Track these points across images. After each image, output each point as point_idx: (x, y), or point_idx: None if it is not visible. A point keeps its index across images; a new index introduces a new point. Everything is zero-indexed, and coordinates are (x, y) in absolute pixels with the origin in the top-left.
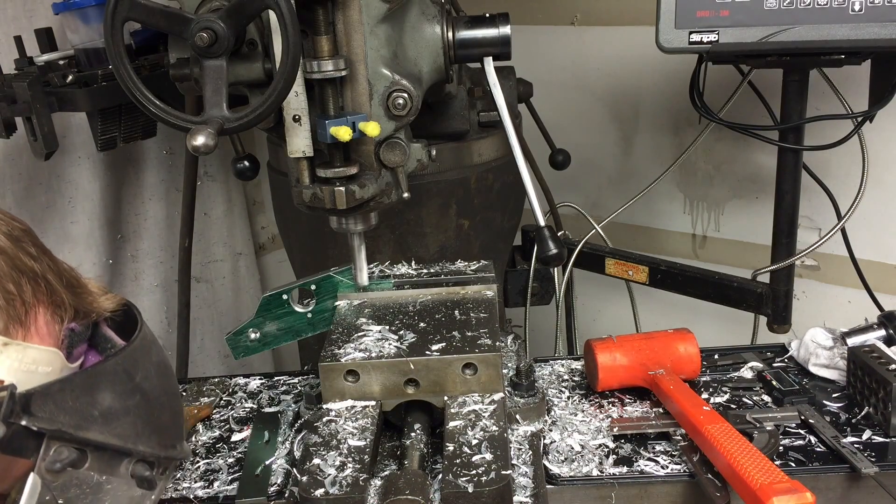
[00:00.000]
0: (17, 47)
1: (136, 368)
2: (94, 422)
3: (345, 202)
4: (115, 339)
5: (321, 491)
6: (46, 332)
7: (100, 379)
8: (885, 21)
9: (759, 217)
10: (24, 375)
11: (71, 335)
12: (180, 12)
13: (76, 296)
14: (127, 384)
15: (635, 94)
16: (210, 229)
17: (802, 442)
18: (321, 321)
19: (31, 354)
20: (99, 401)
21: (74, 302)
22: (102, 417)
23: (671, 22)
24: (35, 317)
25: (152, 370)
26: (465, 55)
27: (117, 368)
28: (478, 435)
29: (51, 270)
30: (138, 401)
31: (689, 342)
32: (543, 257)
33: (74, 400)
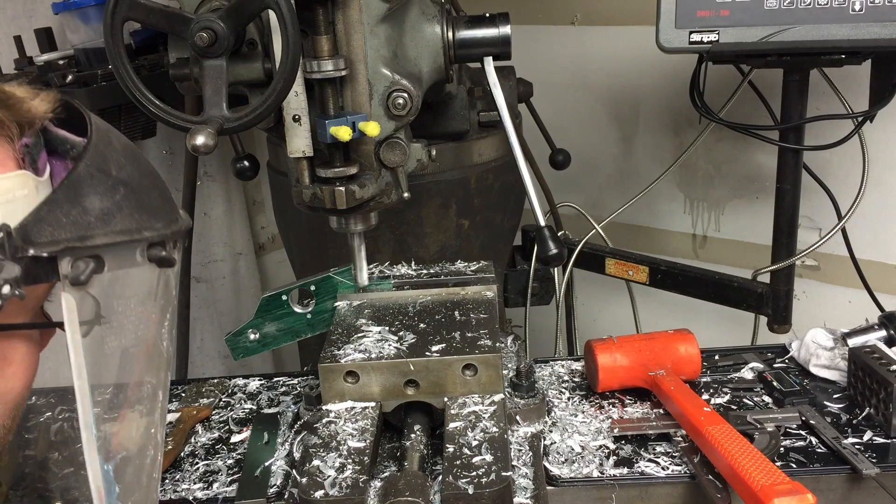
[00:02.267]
0: (17, 47)
1: (107, 162)
2: (94, 227)
3: (345, 202)
4: (69, 136)
5: (321, 492)
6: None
7: (80, 186)
8: (886, 21)
9: (759, 217)
10: (5, 207)
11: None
12: (180, 12)
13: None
14: (107, 181)
15: (635, 94)
16: (210, 229)
17: (803, 443)
18: (321, 322)
19: (2, 185)
20: (88, 207)
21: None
22: (99, 220)
23: (671, 22)
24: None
25: (122, 158)
26: (465, 55)
27: (90, 170)
28: (478, 436)
29: None
30: (123, 192)
31: (690, 343)
32: (543, 257)
33: (66, 215)
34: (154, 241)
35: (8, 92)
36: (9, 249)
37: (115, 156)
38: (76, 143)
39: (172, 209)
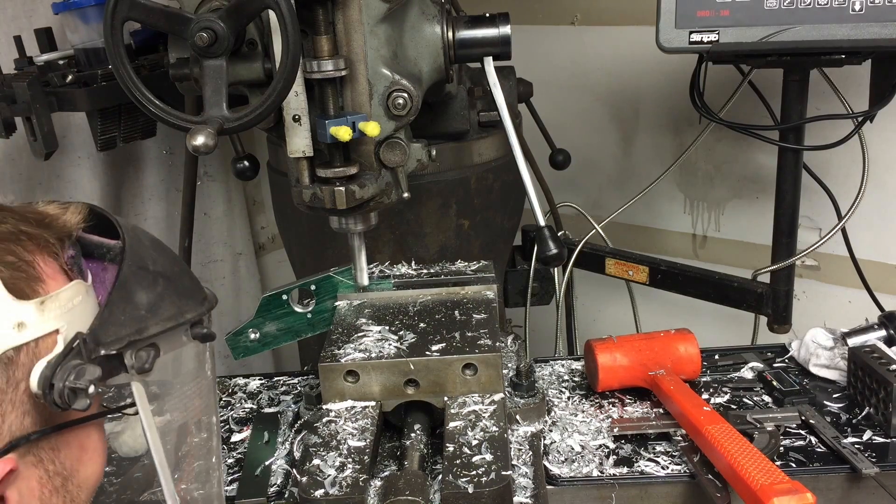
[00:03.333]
0: (17, 47)
1: (144, 259)
2: (146, 319)
3: (345, 202)
4: (102, 241)
5: (321, 491)
6: (55, 272)
7: (128, 287)
8: (886, 21)
9: (759, 217)
10: (69, 316)
11: (73, 262)
12: (180, 12)
13: (49, 228)
14: (148, 277)
15: (635, 94)
16: (210, 229)
17: (803, 442)
18: (321, 321)
19: (63, 297)
20: (138, 303)
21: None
22: (149, 312)
23: (671, 22)
24: (40, 267)
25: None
26: (465, 55)
27: (133, 268)
28: (478, 435)
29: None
30: (162, 283)
31: (690, 342)
32: (543, 257)
33: (123, 314)
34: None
35: (43, 212)
36: (86, 353)
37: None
38: (110, 245)
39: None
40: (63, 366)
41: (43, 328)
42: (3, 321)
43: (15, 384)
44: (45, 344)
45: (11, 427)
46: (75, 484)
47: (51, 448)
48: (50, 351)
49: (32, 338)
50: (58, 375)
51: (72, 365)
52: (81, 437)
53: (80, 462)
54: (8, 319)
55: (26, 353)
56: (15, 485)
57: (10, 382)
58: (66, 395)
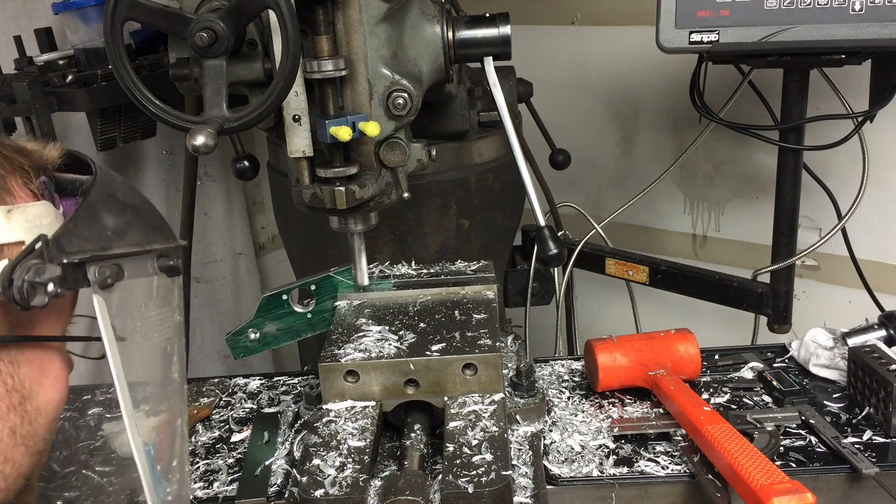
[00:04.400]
0: (17, 47)
1: (114, 190)
2: (112, 240)
3: (345, 202)
4: (76, 177)
5: (321, 491)
6: (27, 194)
7: (96, 207)
8: (886, 21)
9: (759, 217)
10: (35, 231)
11: (44, 187)
12: (180, 12)
13: (26, 157)
14: (116, 203)
15: (635, 94)
16: (210, 229)
17: (803, 442)
18: (321, 321)
19: (30, 212)
20: (105, 224)
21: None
22: (115, 234)
23: (671, 22)
24: (10, 183)
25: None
26: (465, 55)
27: (102, 194)
28: (478, 435)
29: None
30: (131, 213)
31: (690, 342)
32: (543, 257)
33: (88, 230)
34: (162, 253)
35: (22, 145)
36: (47, 255)
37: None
38: (82, 180)
39: (170, 230)
40: (23, 263)
41: (8, 236)
42: None
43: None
44: (10, 252)
45: None
46: (34, 406)
47: (10, 361)
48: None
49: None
50: (17, 272)
51: (32, 262)
52: (43, 358)
53: (40, 385)
54: None
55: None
56: None
57: None
58: (24, 291)
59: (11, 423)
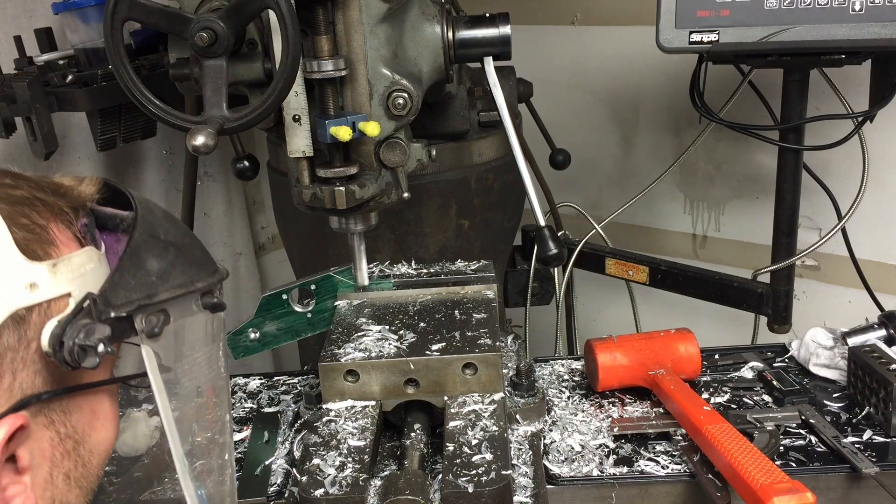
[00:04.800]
0: (17, 47)
1: (155, 228)
2: (156, 285)
3: (345, 202)
4: (116, 212)
5: (321, 491)
6: (69, 239)
7: (140, 252)
8: (886, 21)
9: (759, 217)
10: (81, 280)
11: (86, 230)
12: (180, 12)
13: (64, 197)
14: (159, 244)
15: (635, 94)
16: (210, 229)
17: (803, 442)
18: (321, 321)
19: (75, 261)
20: (149, 268)
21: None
22: (159, 278)
23: (671, 22)
24: (54, 233)
25: (165, 223)
26: (465, 55)
27: (144, 236)
28: (478, 435)
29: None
30: (173, 252)
31: (690, 342)
32: (543, 257)
33: (134, 278)
34: (205, 291)
35: (58, 183)
36: (96, 314)
37: (160, 222)
38: (123, 216)
39: (212, 261)
40: (73, 324)
41: (55, 290)
42: (16, 281)
43: (27, 343)
44: (57, 306)
45: (23, 385)
46: (87, 448)
47: (62, 410)
48: (62, 312)
49: (44, 298)
50: (68, 333)
51: (82, 324)
52: (93, 402)
53: (92, 427)
54: (21, 279)
55: (38, 313)
56: (26, 445)
57: (22, 341)
58: (75, 353)
59: (66, 469)
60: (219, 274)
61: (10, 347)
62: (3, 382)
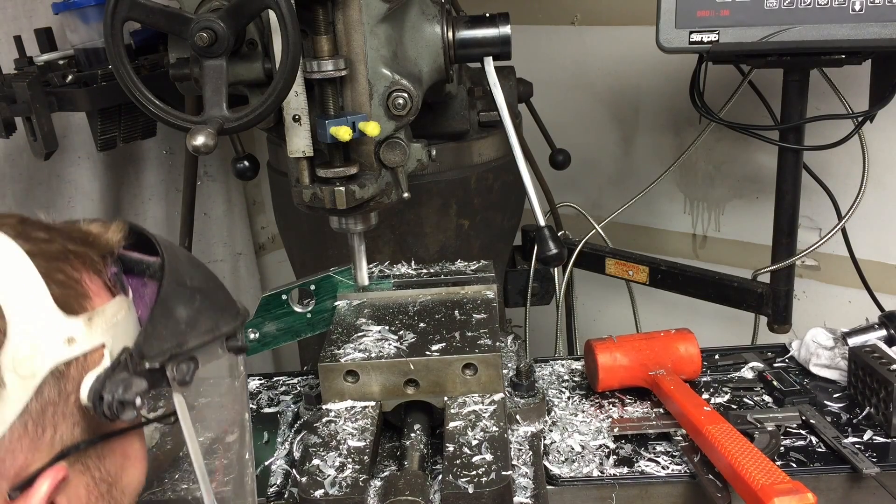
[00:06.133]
0: (17, 47)
1: (182, 276)
2: (186, 333)
3: (345, 202)
4: (143, 257)
5: (321, 492)
6: (100, 289)
7: (169, 302)
8: (886, 21)
9: (759, 217)
10: (113, 330)
11: (115, 278)
12: (180, 12)
13: (92, 246)
14: (186, 292)
15: (635, 94)
16: (210, 229)
17: (803, 442)
18: (321, 321)
19: (108, 312)
20: (179, 317)
21: (97, 251)
22: (188, 326)
23: (671, 22)
24: (87, 284)
25: (190, 269)
26: (466, 55)
27: (172, 285)
28: (478, 435)
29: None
30: (199, 298)
31: (690, 342)
32: (543, 257)
33: (164, 328)
34: (230, 335)
35: (87, 231)
36: (132, 367)
37: (185, 268)
38: (149, 262)
39: (234, 302)
40: (112, 379)
41: (91, 343)
42: (56, 336)
43: (66, 396)
44: (93, 358)
45: (63, 437)
46: (119, 489)
47: (97, 456)
48: (97, 364)
49: (81, 352)
50: (107, 388)
51: (120, 378)
52: (125, 444)
53: (124, 469)
54: (60, 334)
55: (76, 366)
56: (65, 492)
57: (62, 395)
58: (114, 407)
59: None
60: (241, 315)
61: (51, 402)
62: (45, 436)
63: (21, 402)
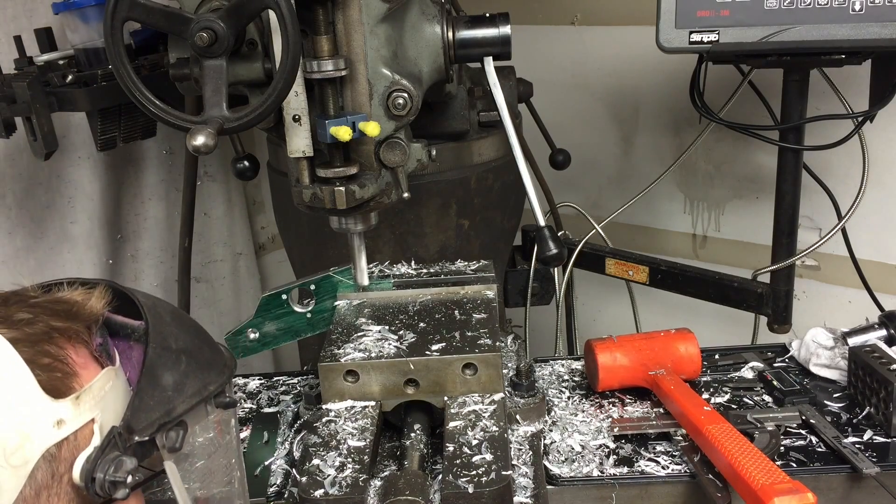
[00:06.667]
0: (17, 47)
1: (166, 338)
2: (173, 400)
3: (345, 202)
4: (126, 321)
5: (321, 492)
6: (86, 361)
7: (154, 370)
8: (886, 21)
9: (759, 217)
10: (102, 403)
11: (101, 348)
12: (180, 12)
13: (77, 317)
14: (171, 356)
15: (635, 94)
16: (210, 229)
17: (803, 442)
18: (320, 321)
19: (96, 387)
20: (165, 385)
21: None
22: (175, 392)
23: (671, 22)
24: (72, 360)
25: (175, 329)
26: (466, 55)
27: (157, 351)
28: (478, 435)
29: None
30: (185, 360)
31: (690, 342)
32: (543, 257)
33: (151, 398)
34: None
35: (69, 301)
36: (121, 444)
37: (170, 329)
38: (134, 327)
39: (219, 354)
40: (102, 459)
41: (80, 420)
42: (44, 421)
43: (59, 478)
44: (83, 434)
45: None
46: None
47: None
48: (87, 440)
49: (71, 431)
50: (98, 468)
51: (110, 458)
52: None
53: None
54: (48, 419)
55: (66, 447)
56: None
57: (55, 477)
58: (106, 487)
59: None
60: (227, 369)
61: (44, 486)
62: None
63: (15, 491)
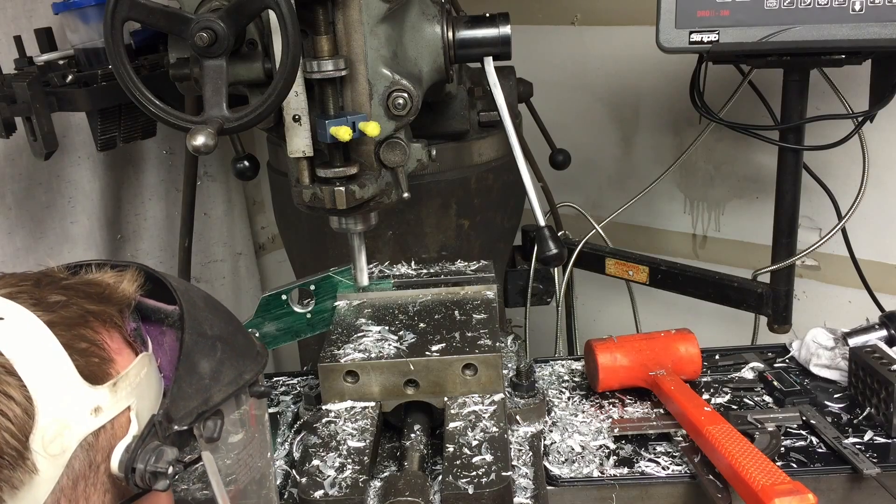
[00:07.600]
0: (17, 47)
1: (202, 324)
2: (210, 388)
3: (345, 202)
4: (159, 305)
5: (320, 492)
6: (121, 346)
7: (191, 357)
8: (886, 21)
9: (759, 217)
10: (138, 391)
11: (135, 333)
12: (180, 12)
13: (109, 300)
14: (207, 343)
15: (635, 94)
16: (210, 229)
17: (804, 443)
18: (320, 321)
19: (131, 374)
20: (202, 372)
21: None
22: (211, 379)
23: (671, 22)
24: (108, 345)
25: (210, 315)
26: (466, 55)
27: (193, 337)
28: (478, 436)
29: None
30: (221, 347)
31: (690, 342)
32: (543, 257)
33: (189, 386)
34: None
35: (102, 283)
36: (161, 433)
37: (205, 315)
38: (167, 311)
39: (252, 343)
40: (143, 449)
41: (117, 408)
42: (82, 409)
43: (96, 467)
44: (120, 422)
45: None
46: None
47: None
48: (124, 428)
49: (108, 419)
50: (138, 459)
51: (151, 448)
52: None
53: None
54: (86, 406)
55: (104, 435)
56: None
57: (92, 466)
58: (147, 478)
59: None
60: (261, 357)
61: (82, 475)
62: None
63: (53, 480)
